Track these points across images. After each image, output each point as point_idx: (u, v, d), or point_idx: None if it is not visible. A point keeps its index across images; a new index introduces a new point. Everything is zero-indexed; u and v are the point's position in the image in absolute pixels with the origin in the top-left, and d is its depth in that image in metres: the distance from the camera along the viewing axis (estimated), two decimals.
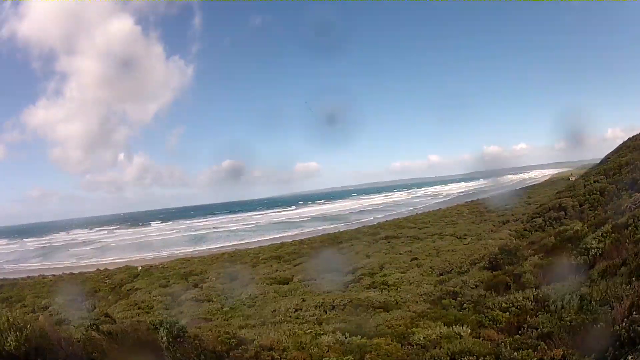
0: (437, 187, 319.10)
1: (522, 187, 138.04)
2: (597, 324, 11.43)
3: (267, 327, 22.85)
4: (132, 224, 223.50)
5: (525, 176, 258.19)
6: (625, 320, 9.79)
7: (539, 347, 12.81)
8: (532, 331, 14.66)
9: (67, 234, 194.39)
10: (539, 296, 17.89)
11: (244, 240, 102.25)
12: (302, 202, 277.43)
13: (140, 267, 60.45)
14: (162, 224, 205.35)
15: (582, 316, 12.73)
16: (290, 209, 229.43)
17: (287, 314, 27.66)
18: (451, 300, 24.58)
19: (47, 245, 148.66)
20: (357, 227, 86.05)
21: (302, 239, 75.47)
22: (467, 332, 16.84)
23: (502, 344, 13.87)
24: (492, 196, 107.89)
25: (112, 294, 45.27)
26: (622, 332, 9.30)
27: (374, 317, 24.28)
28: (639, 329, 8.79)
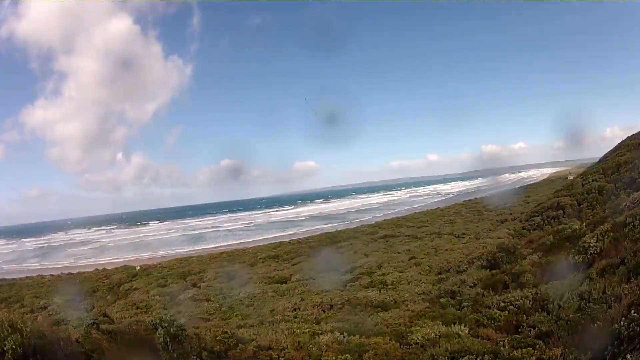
0: (435, 186, 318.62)
1: (520, 186, 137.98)
2: (596, 322, 11.42)
3: (265, 327, 22.82)
4: (130, 224, 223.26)
5: (523, 175, 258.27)
6: (624, 319, 9.75)
7: (538, 346, 12.81)
8: (530, 330, 14.67)
9: (65, 234, 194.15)
10: (537, 295, 17.90)
11: (242, 239, 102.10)
12: (300, 202, 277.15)
13: (138, 267, 60.39)
14: (160, 224, 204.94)
15: (581, 315, 12.71)
16: (288, 208, 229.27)
17: (285, 313, 27.64)
18: (449, 299, 24.58)
19: (46, 245, 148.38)
20: (355, 226, 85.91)
21: (301, 238, 75.39)
22: (466, 331, 16.85)
23: (500, 342, 13.87)
24: (490, 195, 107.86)
25: (110, 294, 45.18)
26: (621, 330, 9.29)
27: (372, 316, 24.28)
28: (638, 328, 8.72)
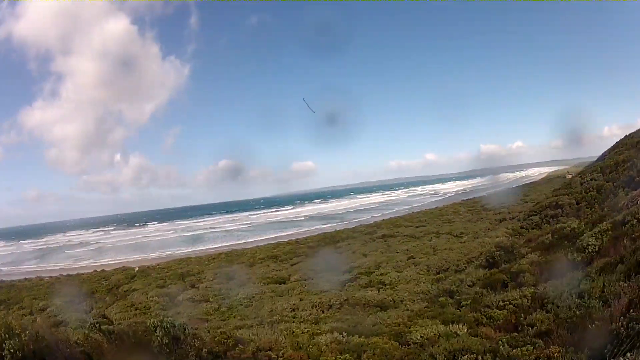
0: (433, 185, 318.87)
1: (518, 185, 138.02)
2: (595, 321, 11.41)
3: (264, 327, 22.82)
4: (128, 225, 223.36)
5: (522, 174, 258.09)
6: (623, 317, 9.74)
7: (537, 345, 12.80)
8: (529, 329, 14.64)
9: (63, 236, 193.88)
10: (536, 294, 17.89)
11: (241, 240, 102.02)
12: (299, 202, 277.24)
13: (137, 268, 60.39)
14: (158, 225, 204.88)
15: (580, 314, 12.70)
16: (287, 208, 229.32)
17: (284, 313, 27.69)
18: (448, 298, 24.57)
19: (44, 246, 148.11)
20: (353, 226, 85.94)
21: (299, 238, 75.38)
22: (465, 330, 16.84)
23: (499, 341, 13.84)
24: (488, 194, 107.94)
25: (109, 295, 45.16)
26: (621, 329, 9.29)
27: (371, 316, 24.31)
28: (637, 327, 8.71)
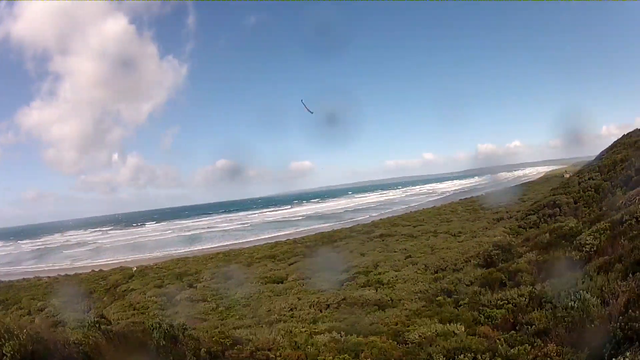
0: (431, 184, 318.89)
1: (516, 184, 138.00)
2: (594, 320, 11.41)
3: (262, 327, 22.83)
4: (126, 225, 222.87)
5: (519, 173, 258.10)
6: (621, 317, 9.72)
7: (535, 344, 12.79)
8: (527, 328, 14.64)
9: (61, 236, 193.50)
10: (534, 293, 17.88)
11: (239, 239, 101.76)
12: (296, 201, 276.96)
13: (135, 268, 60.33)
14: (156, 225, 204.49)
15: (578, 313, 12.68)
16: (284, 208, 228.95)
17: (282, 313, 27.71)
18: (446, 297, 24.60)
19: (42, 247, 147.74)
20: (351, 225, 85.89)
21: (297, 238, 75.38)
22: (463, 329, 16.84)
23: (498, 340, 13.84)
24: (486, 194, 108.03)
25: (107, 295, 45.15)
26: (618, 329, 9.28)
27: (369, 315, 24.35)
28: (635, 326, 8.69)
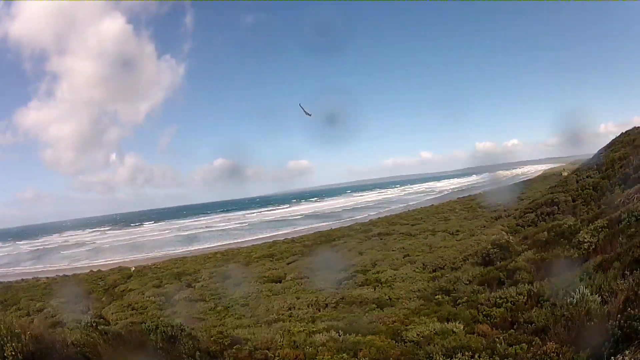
0: (429, 183, 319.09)
1: (514, 182, 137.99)
2: (592, 319, 11.39)
3: (260, 326, 22.84)
4: (124, 225, 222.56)
5: (517, 172, 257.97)
6: (620, 315, 9.71)
7: (534, 342, 12.79)
8: (526, 326, 14.65)
9: (59, 236, 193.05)
10: (532, 291, 17.89)
11: (237, 239, 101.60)
12: (295, 200, 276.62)
13: (133, 268, 60.37)
14: (154, 224, 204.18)
15: (577, 311, 12.67)
16: (282, 207, 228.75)
17: (281, 312, 27.74)
18: (444, 296, 24.59)
19: (41, 247, 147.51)
20: (349, 224, 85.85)
21: (295, 237, 75.28)
22: (461, 327, 16.84)
23: (496, 339, 13.83)
24: (484, 192, 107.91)
25: (105, 296, 45.17)
26: (617, 328, 9.26)
27: (367, 314, 24.41)
28: (634, 325, 8.68)
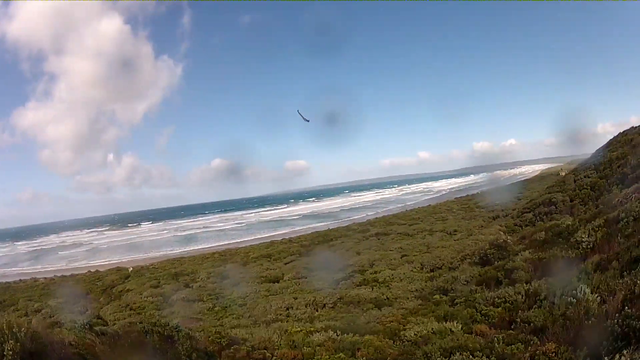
0: (427, 183, 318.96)
1: (511, 182, 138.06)
2: (591, 318, 11.39)
3: (258, 327, 22.86)
4: (122, 225, 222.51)
5: (515, 172, 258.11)
6: (618, 314, 9.72)
7: (532, 342, 12.78)
8: (524, 326, 14.65)
9: (57, 236, 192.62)
10: (530, 291, 17.90)
11: (235, 239, 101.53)
12: (293, 200, 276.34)
13: (131, 268, 60.35)
14: (152, 225, 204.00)
15: (575, 311, 12.67)
16: (280, 207, 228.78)
17: (278, 312, 27.78)
18: (442, 296, 24.64)
19: (38, 248, 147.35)
20: (347, 224, 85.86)
21: (292, 237, 75.30)
22: (459, 327, 16.87)
23: (494, 339, 13.82)
24: (482, 192, 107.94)
25: (103, 296, 45.17)
26: (616, 326, 9.26)
27: (365, 314, 24.45)
28: (633, 324, 8.68)
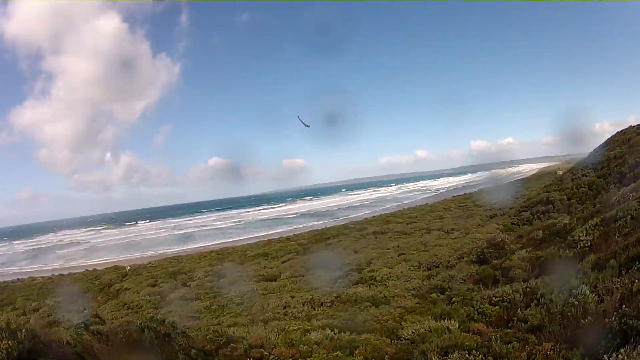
0: (425, 182, 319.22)
1: (509, 181, 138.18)
2: (588, 316, 11.40)
3: (256, 325, 22.84)
4: (119, 224, 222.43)
5: (513, 170, 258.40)
6: (616, 313, 9.74)
7: (530, 341, 12.78)
8: (522, 324, 14.65)
9: (55, 235, 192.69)
10: (528, 289, 17.94)
11: (232, 238, 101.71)
12: (290, 199, 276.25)
13: (128, 267, 60.42)
14: (149, 223, 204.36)
15: (572, 309, 12.68)
16: (278, 205, 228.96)
17: (276, 311, 27.77)
18: (439, 294, 24.76)
19: (36, 247, 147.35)
20: (344, 223, 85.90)
21: (290, 235, 75.38)
22: (456, 326, 16.85)
23: (492, 337, 13.82)
24: (479, 190, 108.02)
25: (101, 295, 45.15)
26: (614, 324, 9.26)
27: (362, 312, 24.41)
28: (630, 322, 8.70)
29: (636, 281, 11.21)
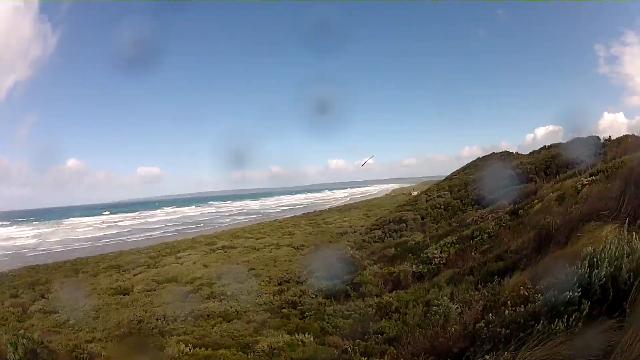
0: (275, 197, 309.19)
1: (361, 200, 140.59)
2: (452, 325, 11.89)
3: (113, 341, 22.73)
4: None
5: (364, 190, 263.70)
6: (478, 322, 10.16)
7: (388, 351, 13.21)
8: (377, 336, 15.27)
9: None
10: (381, 303, 18.68)
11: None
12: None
13: None
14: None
15: (433, 319, 13.20)
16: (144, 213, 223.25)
17: (131, 325, 27.56)
18: (291, 309, 25.61)
19: None
20: (193, 237, 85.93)
21: (141, 247, 74.72)
22: (311, 339, 17.41)
23: (349, 349, 14.25)
24: (330, 209, 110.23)
25: None
26: (483, 331, 9.67)
27: (216, 327, 24.72)
28: (496, 330, 9.19)
29: (498, 294, 11.83)
